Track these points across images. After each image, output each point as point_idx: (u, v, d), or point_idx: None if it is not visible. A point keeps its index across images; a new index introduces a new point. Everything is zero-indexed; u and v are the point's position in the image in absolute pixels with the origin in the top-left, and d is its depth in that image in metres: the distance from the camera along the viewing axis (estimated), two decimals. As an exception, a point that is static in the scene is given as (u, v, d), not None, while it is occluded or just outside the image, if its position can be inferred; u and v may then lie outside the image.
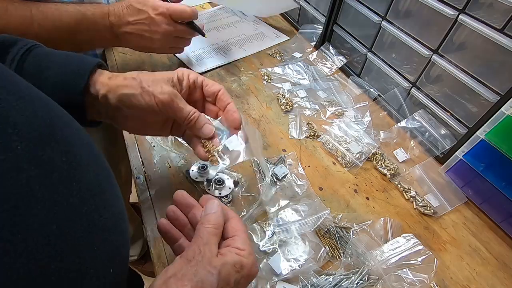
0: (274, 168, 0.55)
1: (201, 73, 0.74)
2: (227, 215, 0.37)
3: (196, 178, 0.53)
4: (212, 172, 0.53)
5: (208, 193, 0.51)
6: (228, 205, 0.51)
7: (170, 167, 0.55)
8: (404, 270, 0.44)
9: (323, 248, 0.46)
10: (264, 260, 0.45)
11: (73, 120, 0.29)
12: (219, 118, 0.46)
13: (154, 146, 0.58)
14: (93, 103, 0.41)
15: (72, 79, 0.39)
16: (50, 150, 0.23)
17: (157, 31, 0.60)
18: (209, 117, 0.47)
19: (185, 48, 0.69)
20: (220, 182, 0.52)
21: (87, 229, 0.24)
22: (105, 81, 0.41)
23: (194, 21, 0.64)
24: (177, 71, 0.44)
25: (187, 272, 0.31)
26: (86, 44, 0.61)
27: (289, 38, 0.86)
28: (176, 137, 0.57)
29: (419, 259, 0.45)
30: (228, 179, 0.53)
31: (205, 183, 0.53)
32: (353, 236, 0.48)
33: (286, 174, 0.55)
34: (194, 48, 0.79)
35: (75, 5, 0.56)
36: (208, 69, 0.75)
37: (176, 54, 0.77)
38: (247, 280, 0.36)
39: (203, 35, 0.66)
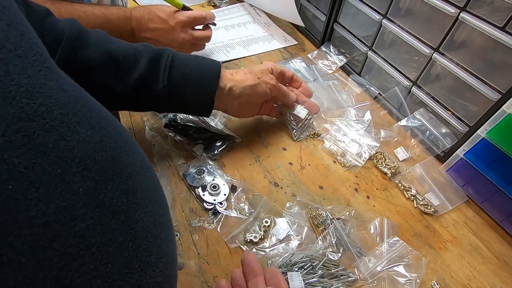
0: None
1: None
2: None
3: (192, 182, 0.52)
4: (208, 178, 0.52)
5: (204, 200, 0.49)
6: (224, 210, 0.49)
7: (170, 166, 0.55)
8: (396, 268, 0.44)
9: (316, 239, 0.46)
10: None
11: (138, 148, 0.27)
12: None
13: (154, 144, 0.58)
14: (220, 95, 0.50)
15: (208, 76, 0.49)
16: (112, 188, 0.21)
17: (176, 39, 0.64)
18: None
19: None
20: (215, 188, 0.50)
21: (138, 284, 0.22)
22: (229, 77, 0.52)
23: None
24: (268, 63, 0.58)
25: None
26: None
27: (297, 42, 0.85)
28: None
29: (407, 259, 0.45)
30: (224, 184, 0.52)
31: (199, 189, 0.51)
32: (350, 230, 0.48)
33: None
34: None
35: (100, 8, 0.58)
36: None
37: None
38: None
39: (214, 24, 0.71)
